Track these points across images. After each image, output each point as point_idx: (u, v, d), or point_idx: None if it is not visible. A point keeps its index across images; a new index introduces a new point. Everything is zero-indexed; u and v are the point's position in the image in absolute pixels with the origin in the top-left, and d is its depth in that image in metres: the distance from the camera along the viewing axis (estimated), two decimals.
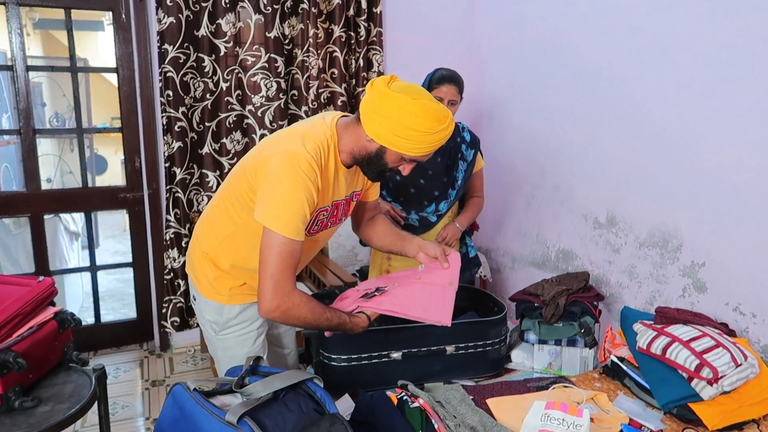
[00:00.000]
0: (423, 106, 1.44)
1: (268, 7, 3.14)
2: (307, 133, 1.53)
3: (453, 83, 2.38)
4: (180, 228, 3.19)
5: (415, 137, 1.46)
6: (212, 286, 1.72)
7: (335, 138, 1.57)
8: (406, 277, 1.78)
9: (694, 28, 2.23)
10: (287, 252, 1.45)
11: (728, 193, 2.14)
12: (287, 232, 1.44)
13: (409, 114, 1.44)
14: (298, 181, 1.45)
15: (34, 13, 5.59)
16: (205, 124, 3.18)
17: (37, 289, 1.81)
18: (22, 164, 3.13)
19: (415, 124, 1.44)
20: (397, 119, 1.45)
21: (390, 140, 1.48)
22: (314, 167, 1.47)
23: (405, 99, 1.43)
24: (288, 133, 1.59)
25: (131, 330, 3.52)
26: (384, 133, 1.48)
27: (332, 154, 1.56)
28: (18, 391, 1.64)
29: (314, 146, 1.50)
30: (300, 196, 1.45)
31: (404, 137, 1.46)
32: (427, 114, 1.45)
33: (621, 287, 2.67)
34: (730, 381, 1.68)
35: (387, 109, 1.45)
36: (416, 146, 1.48)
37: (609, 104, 2.67)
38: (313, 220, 1.58)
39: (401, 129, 1.45)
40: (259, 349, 1.79)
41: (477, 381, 1.94)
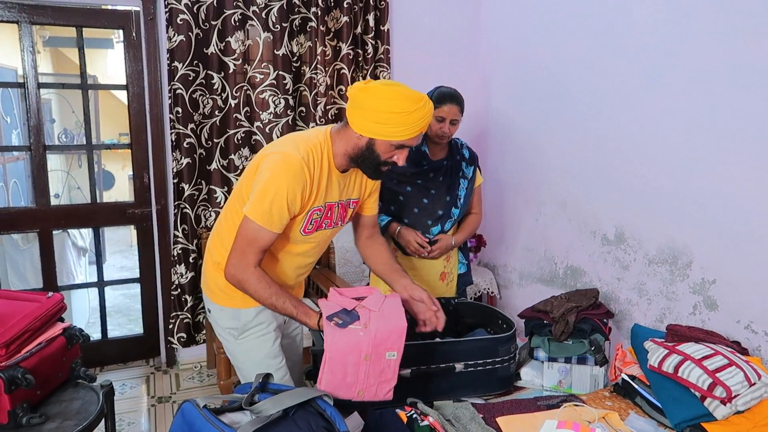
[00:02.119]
0: (395, 90, 1.57)
1: (277, 26, 3.18)
2: (301, 138, 1.69)
3: (454, 102, 2.38)
4: (188, 244, 3.20)
5: (394, 119, 1.55)
6: (225, 293, 1.80)
7: (329, 143, 1.69)
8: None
9: (702, 47, 2.23)
10: (254, 236, 1.62)
11: (738, 210, 2.13)
12: (259, 220, 1.60)
13: (384, 99, 1.56)
14: (282, 177, 1.58)
15: (45, 31, 5.66)
16: (213, 141, 3.20)
17: (47, 305, 1.81)
18: (32, 180, 3.15)
19: (391, 106, 1.55)
20: (374, 107, 1.56)
21: (374, 129, 1.59)
22: (304, 168, 1.60)
23: (378, 87, 1.58)
24: (285, 138, 1.75)
25: (138, 346, 3.51)
26: (367, 124, 1.59)
27: (325, 158, 1.68)
28: (26, 407, 1.64)
29: (307, 149, 1.63)
30: (281, 191, 1.58)
31: (385, 122, 1.56)
32: (400, 96, 1.56)
33: (630, 304, 2.65)
34: (744, 400, 1.65)
35: (364, 101, 1.57)
36: (399, 129, 1.57)
37: (615, 121, 2.68)
38: (306, 219, 1.71)
39: (380, 115, 1.56)
40: (278, 351, 1.88)
41: (486, 399, 1.92)
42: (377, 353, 1.58)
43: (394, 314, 1.63)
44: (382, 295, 1.69)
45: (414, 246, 2.41)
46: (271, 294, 1.64)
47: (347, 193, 1.81)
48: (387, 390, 1.63)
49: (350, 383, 1.57)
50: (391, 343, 1.59)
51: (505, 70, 3.56)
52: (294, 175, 1.59)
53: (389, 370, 1.62)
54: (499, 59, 3.61)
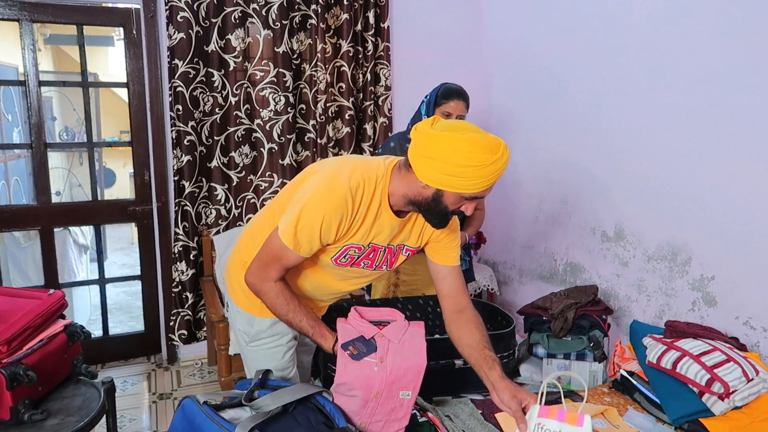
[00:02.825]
0: (471, 139, 1.36)
1: (277, 23, 3.18)
2: (359, 165, 1.51)
3: (461, 98, 2.39)
4: (188, 241, 3.21)
5: (469, 173, 1.36)
6: (246, 296, 1.70)
7: (387, 179, 1.51)
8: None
9: (704, 45, 2.24)
10: (279, 254, 1.50)
11: (738, 207, 2.13)
12: (288, 240, 1.47)
13: (457, 150, 1.35)
14: (322, 203, 1.44)
15: (46, 28, 5.66)
16: (214, 138, 3.21)
17: (48, 302, 1.82)
18: (33, 178, 3.16)
19: (466, 159, 1.35)
20: (446, 159, 1.36)
21: (444, 182, 1.39)
22: (348, 200, 1.45)
23: (451, 136, 1.36)
24: (343, 160, 1.58)
25: (139, 343, 3.52)
26: (436, 175, 1.39)
27: (378, 194, 1.50)
28: (28, 403, 1.65)
29: (359, 179, 1.47)
30: (317, 217, 1.44)
31: (458, 175, 1.37)
32: (477, 147, 1.35)
33: (630, 301, 2.66)
34: (742, 396, 1.66)
35: (434, 151, 1.37)
36: (473, 182, 1.38)
37: (616, 119, 2.68)
38: (340, 252, 1.56)
39: (453, 167, 1.36)
40: (288, 362, 1.78)
41: (485, 395, 1.93)
42: (390, 392, 1.47)
43: (414, 348, 1.52)
44: (406, 322, 1.59)
45: None
46: (288, 311, 1.55)
47: (401, 238, 1.63)
48: (396, 430, 1.52)
49: (354, 413, 1.48)
50: (406, 382, 1.48)
51: (507, 68, 3.56)
52: (335, 204, 1.44)
53: (401, 410, 1.51)
54: (501, 57, 3.61)
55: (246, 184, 3.32)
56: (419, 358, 1.49)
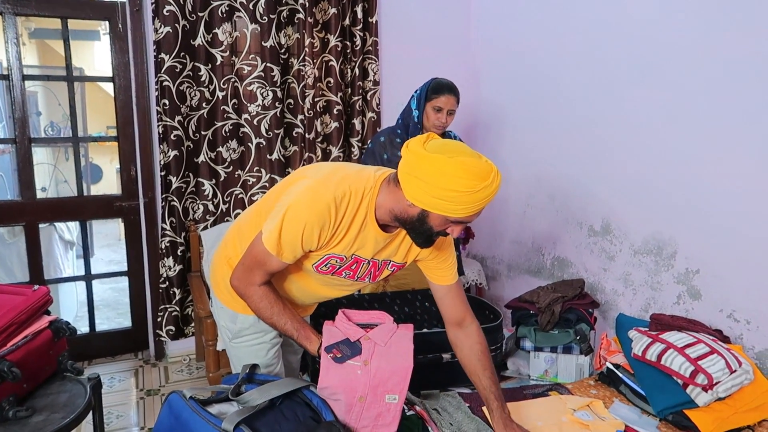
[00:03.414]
0: (461, 163, 1.32)
1: (264, 17, 3.16)
2: (349, 176, 1.49)
3: (452, 93, 2.40)
4: (176, 237, 3.19)
5: (456, 198, 1.33)
6: (230, 293, 1.70)
7: (375, 192, 1.48)
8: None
9: (690, 42, 2.25)
10: (263, 259, 1.49)
11: (722, 201, 2.16)
12: (271, 247, 1.46)
13: (447, 175, 1.32)
14: (304, 211, 1.43)
15: (30, 22, 5.59)
16: (201, 133, 3.19)
17: (32, 298, 1.80)
18: (17, 173, 3.12)
19: (455, 184, 1.32)
20: (434, 181, 1.33)
21: (431, 203, 1.36)
22: (332, 211, 1.43)
23: (441, 159, 1.33)
24: (337, 167, 1.56)
25: (126, 339, 3.50)
26: (423, 196, 1.36)
27: (364, 207, 1.48)
28: (12, 400, 1.64)
29: (345, 190, 1.45)
30: (298, 225, 1.43)
31: (445, 199, 1.34)
32: (467, 172, 1.32)
33: (616, 294, 2.68)
34: (725, 387, 1.69)
35: (424, 172, 1.34)
36: (460, 207, 1.35)
37: (603, 114, 2.69)
38: (322, 260, 1.55)
39: (440, 191, 1.33)
40: (272, 359, 1.78)
41: (473, 389, 1.94)
42: (375, 395, 1.45)
43: (401, 351, 1.49)
44: (394, 325, 1.57)
45: None
46: (272, 314, 1.54)
47: (388, 253, 1.61)
48: None
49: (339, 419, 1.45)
50: (392, 385, 1.45)
51: (495, 63, 3.56)
52: (317, 213, 1.42)
53: (388, 414, 1.47)
54: (489, 51, 3.61)
55: (234, 180, 3.30)
56: (406, 361, 1.47)
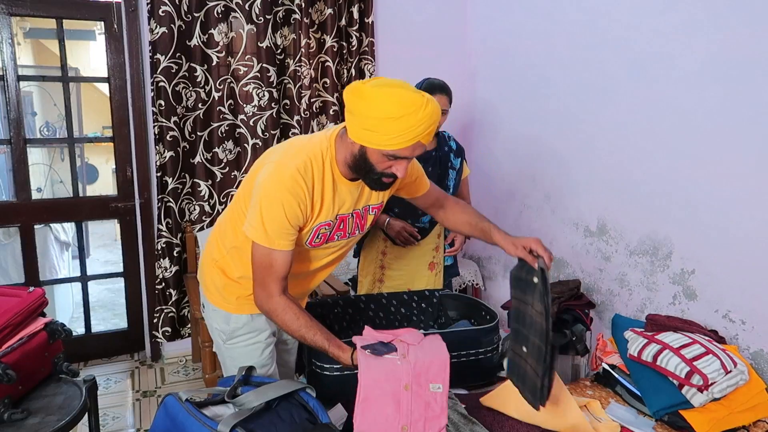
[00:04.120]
0: (386, 92, 1.35)
1: (261, 18, 3.16)
2: (302, 146, 1.51)
3: (444, 93, 2.41)
4: (172, 237, 3.18)
5: (382, 127, 1.35)
6: (220, 294, 1.72)
7: (332, 151, 1.51)
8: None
9: (684, 40, 2.26)
10: (267, 261, 1.48)
11: (717, 202, 2.16)
12: (264, 242, 1.46)
13: (371, 102, 1.35)
14: (275, 193, 1.44)
15: (25, 22, 5.58)
16: (197, 134, 3.18)
17: (28, 300, 1.80)
18: (12, 174, 3.11)
19: (378, 111, 1.34)
20: (362, 112, 1.37)
21: (363, 136, 1.40)
22: (300, 181, 1.45)
23: (368, 89, 1.37)
24: (287, 145, 1.58)
25: (122, 340, 3.49)
26: (357, 130, 1.40)
27: (328, 167, 1.51)
28: (7, 402, 1.63)
29: (304, 159, 1.47)
30: (277, 208, 1.44)
31: (372, 129, 1.37)
32: (390, 99, 1.34)
33: (612, 295, 2.68)
34: (720, 388, 1.69)
35: (354, 104, 1.39)
36: (388, 137, 1.36)
37: (599, 114, 2.70)
38: (312, 234, 1.56)
39: (367, 120, 1.37)
40: (267, 360, 1.77)
41: (470, 389, 1.94)
42: (418, 383, 1.42)
43: (435, 346, 1.50)
44: (421, 333, 1.57)
45: (404, 236, 2.43)
46: (300, 326, 1.49)
47: (364, 200, 1.64)
48: (438, 429, 1.43)
49: (391, 418, 1.40)
50: (433, 375, 1.44)
51: (491, 63, 3.57)
52: (289, 189, 1.44)
53: (436, 405, 1.43)
54: (485, 52, 3.61)
55: (230, 180, 3.29)
56: (442, 354, 1.47)
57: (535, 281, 1.54)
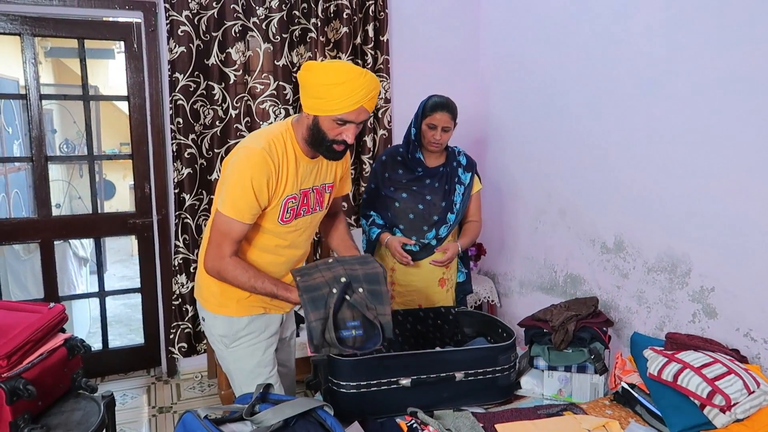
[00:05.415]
0: (330, 65, 1.64)
1: (277, 36, 3.20)
2: (263, 131, 1.76)
3: (446, 110, 2.42)
4: (189, 254, 3.21)
5: (328, 93, 1.59)
6: (218, 300, 1.82)
7: (291, 132, 1.74)
8: None
9: (700, 56, 2.25)
10: (227, 228, 1.67)
11: (737, 218, 2.14)
12: (229, 212, 1.65)
13: (317, 73, 1.61)
14: (246, 170, 1.63)
15: (47, 42, 5.70)
16: (214, 151, 3.22)
17: (48, 316, 1.82)
18: (33, 190, 3.17)
19: (323, 78, 1.59)
20: (311, 82, 1.62)
21: (314, 105, 1.63)
22: (267, 159, 1.65)
23: (316, 64, 1.65)
24: (249, 135, 1.82)
25: (138, 356, 3.51)
26: (308, 101, 1.65)
27: (290, 146, 1.72)
28: (27, 418, 1.65)
29: (268, 140, 1.68)
30: (246, 182, 1.63)
31: (320, 96, 1.60)
32: (333, 69, 1.61)
33: (630, 312, 2.65)
34: (743, 408, 1.66)
35: (305, 79, 1.64)
36: (334, 102, 1.59)
37: (614, 130, 2.69)
38: (282, 208, 1.75)
39: (316, 89, 1.61)
40: (270, 360, 1.89)
41: (487, 408, 1.92)
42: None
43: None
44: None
45: (397, 257, 2.45)
46: (249, 277, 1.68)
47: (321, 178, 1.86)
48: None
49: None
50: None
51: (504, 80, 3.58)
52: (257, 166, 1.63)
53: None
54: (499, 68, 3.63)
55: None
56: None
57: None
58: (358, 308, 1.58)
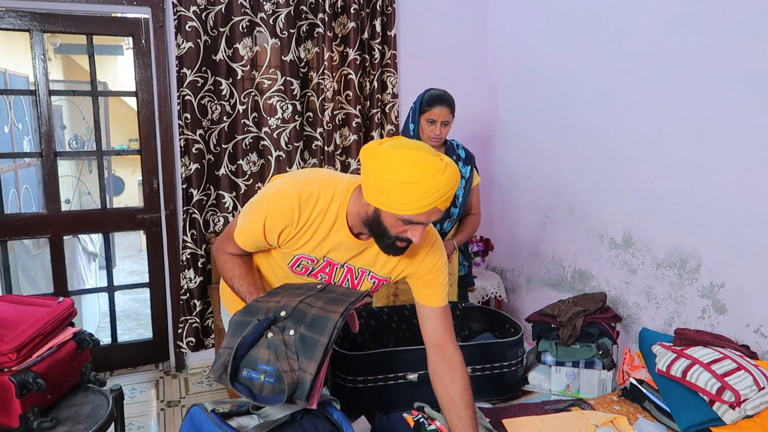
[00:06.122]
0: (403, 155, 1.30)
1: (285, 32, 3.20)
2: (320, 178, 1.50)
3: (444, 104, 2.40)
4: (196, 249, 3.22)
5: (396, 190, 1.30)
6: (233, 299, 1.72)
7: (346, 196, 1.47)
8: None
9: (707, 53, 2.23)
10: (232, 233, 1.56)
11: (746, 214, 2.12)
12: (236, 232, 1.54)
13: (388, 165, 1.30)
14: (269, 204, 1.47)
15: (56, 38, 5.73)
16: (222, 146, 3.23)
17: (57, 310, 1.83)
18: (43, 186, 3.18)
19: (394, 174, 1.29)
20: (378, 174, 1.32)
21: (378, 199, 1.34)
22: (295, 209, 1.44)
23: (385, 151, 1.32)
24: (311, 170, 1.63)
25: (147, 350, 3.53)
26: (372, 192, 1.35)
27: (334, 210, 1.47)
28: (36, 411, 1.66)
29: (312, 190, 1.46)
30: (260, 216, 1.47)
31: (388, 192, 1.31)
32: (406, 162, 1.29)
33: (639, 308, 2.64)
34: (753, 405, 1.65)
35: (370, 166, 1.34)
36: (403, 201, 1.30)
37: (623, 126, 2.67)
38: (293, 260, 1.55)
39: (383, 183, 1.31)
40: None
41: (494, 403, 1.92)
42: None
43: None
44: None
45: None
46: (234, 275, 1.58)
47: (364, 262, 1.57)
48: None
49: None
50: None
51: (513, 76, 3.56)
52: (280, 208, 1.44)
53: None
54: (507, 65, 3.61)
55: (254, 192, 3.33)
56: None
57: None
58: (275, 352, 1.29)
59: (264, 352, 1.29)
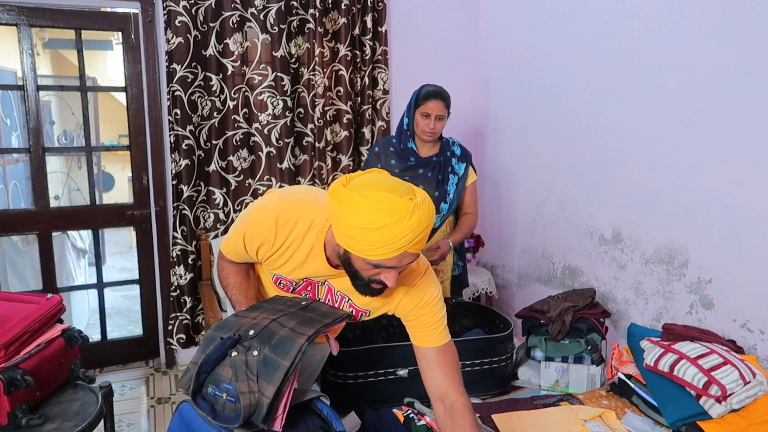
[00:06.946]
0: (366, 197, 1.19)
1: (275, 27, 3.19)
2: (304, 202, 1.45)
3: (440, 99, 2.42)
4: (187, 245, 3.21)
5: (361, 236, 1.21)
6: None
7: (325, 227, 1.40)
8: None
9: (699, 49, 2.24)
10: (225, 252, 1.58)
11: (734, 210, 2.14)
12: (222, 244, 1.57)
13: (350, 209, 1.21)
14: (250, 220, 1.47)
15: (45, 33, 5.67)
16: (212, 142, 3.21)
17: (45, 307, 1.82)
18: (31, 182, 3.16)
19: (356, 220, 1.20)
20: (342, 218, 1.23)
21: (345, 242, 1.26)
22: (271, 229, 1.40)
23: (349, 195, 1.21)
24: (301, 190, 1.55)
25: (137, 347, 3.52)
26: (339, 235, 1.27)
27: (312, 237, 1.40)
28: (25, 408, 1.65)
29: (291, 215, 1.40)
30: (241, 231, 1.48)
31: (352, 237, 1.23)
32: (369, 205, 1.18)
33: (627, 304, 2.66)
34: (739, 399, 1.67)
35: (336, 209, 1.25)
36: (369, 247, 1.21)
37: (613, 122, 2.69)
38: (275, 278, 1.54)
39: (347, 228, 1.23)
40: None
41: (484, 398, 1.93)
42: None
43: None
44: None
45: None
46: (228, 284, 1.60)
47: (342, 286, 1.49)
48: None
49: None
50: None
51: (504, 72, 3.57)
52: (258, 225, 1.42)
53: None
54: (499, 60, 3.62)
55: (244, 188, 3.32)
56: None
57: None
58: (235, 373, 1.25)
59: (227, 370, 1.27)
